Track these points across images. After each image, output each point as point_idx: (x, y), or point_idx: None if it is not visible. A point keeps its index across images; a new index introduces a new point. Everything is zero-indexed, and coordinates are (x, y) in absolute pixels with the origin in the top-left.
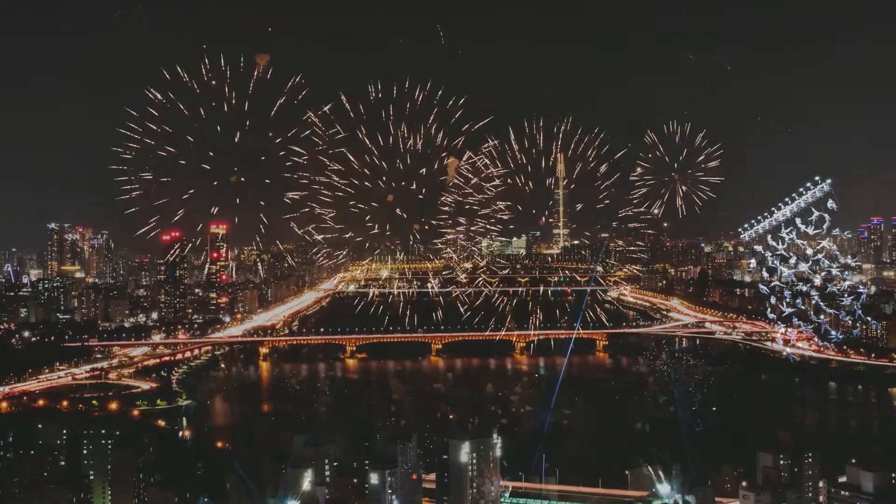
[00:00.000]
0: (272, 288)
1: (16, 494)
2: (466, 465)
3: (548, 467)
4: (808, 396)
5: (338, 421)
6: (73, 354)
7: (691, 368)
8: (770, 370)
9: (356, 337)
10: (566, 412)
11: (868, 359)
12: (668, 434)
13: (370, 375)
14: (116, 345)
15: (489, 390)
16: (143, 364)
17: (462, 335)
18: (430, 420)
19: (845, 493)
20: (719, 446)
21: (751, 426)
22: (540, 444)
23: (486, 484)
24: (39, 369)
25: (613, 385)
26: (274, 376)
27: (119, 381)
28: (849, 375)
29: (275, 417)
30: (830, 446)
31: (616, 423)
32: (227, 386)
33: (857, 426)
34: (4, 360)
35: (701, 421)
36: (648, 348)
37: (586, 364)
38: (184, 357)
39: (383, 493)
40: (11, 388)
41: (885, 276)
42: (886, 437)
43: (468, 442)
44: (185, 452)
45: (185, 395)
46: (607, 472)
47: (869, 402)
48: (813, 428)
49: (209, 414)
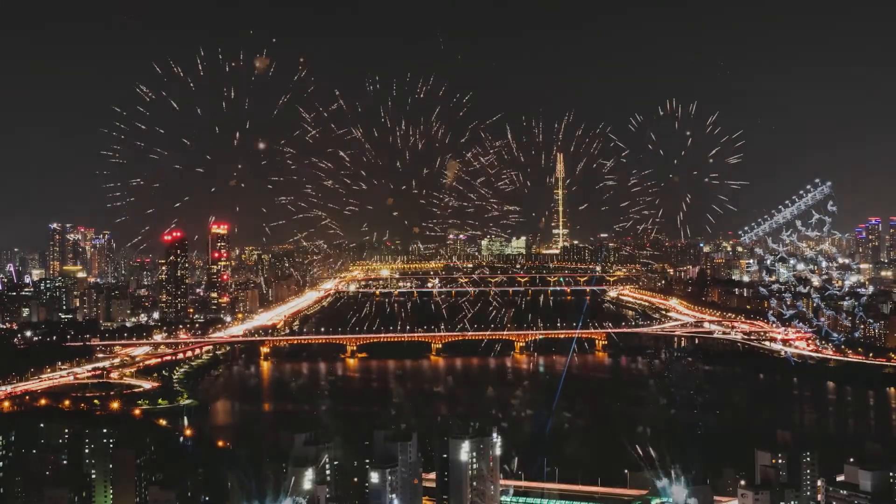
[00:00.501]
0: (273, 288)
1: (17, 493)
2: (466, 464)
3: (547, 466)
4: (806, 396)
5: (338, 420)
6: (75, 354)
7: (690, 368)
8: (769, 370)
9: (357, 336)
10: (566, 412)
11: (866, 358)
12: (668, 433)
13: (371, 375)
14: (118, 344)
15: (489, 391)
16: (144, 363)
17: (462, 335)
18: (430, 419)
19: (843, 491)
20: (718, 445)
21: (749, 425)
22: (541, 443)
23: (486, 483)
24: (41, 368)
25: (612, 384)
26: (275, 376)
27: (121, 380)
28: (847, 375)
29: (275, 417)
30: (829, 445)
31: (615, 423)
32: (228, 385)
33: (855, 425)
34: (7, 359)
35: (700, 420)
36: (648, 348)
37: (586, 363)
38: (185, 357)
39: (383, 492)
40: (14, 388)
41: (882, 275)
42: (884, 436)
43: (468, 441)
44: (187, 452)
45: (186, 394)
46: (607, 472)
47: (867, 401)
48: (811, 427)
49: (210, 413)
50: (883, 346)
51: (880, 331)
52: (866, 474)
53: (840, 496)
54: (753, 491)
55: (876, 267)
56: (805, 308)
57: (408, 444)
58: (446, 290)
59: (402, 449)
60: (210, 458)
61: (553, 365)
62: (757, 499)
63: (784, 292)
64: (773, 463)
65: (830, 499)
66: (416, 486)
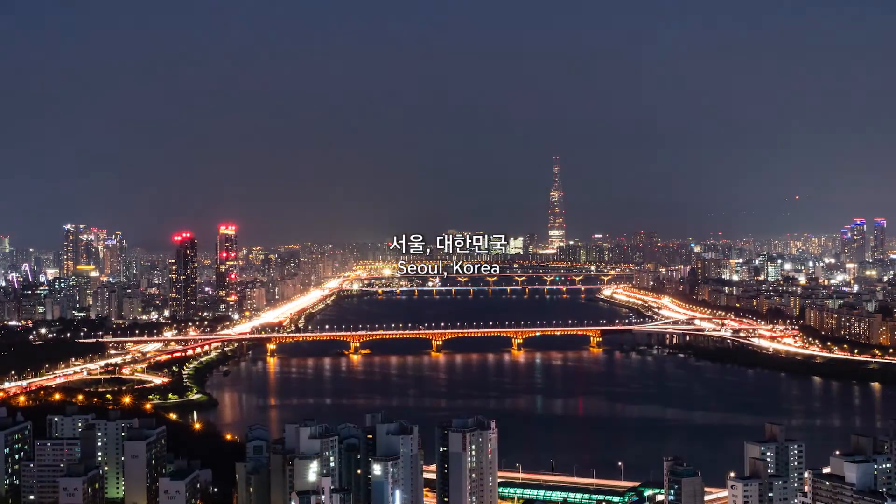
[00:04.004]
0: (279, 286)
1: (32, 485)
2: (465, 456)
3: (543, 458)
4: (793, 391)
5: (342, 414)
6: (88, 350)
7: (681, 364)
8: (757, 365)
9: (360, 334)
10: (562, 405)
11: (851, 355)
12: (660, 426)
13: (373, 370)
14: (129, 341)
15: (487, 386)
16: (155, 360)
17: (462, 332)
18: (431, 412)
19: (829, 483)
20: (708, 438)
21: (738, 419)
22: (537, 435)
23: (485, 475)
24: (56, 364)
25: (606, 379)
26: (281, 371)
27: (132, 375)
28: (833, 370)
29: (282, 411)
30: (815, 438)
31: (609, 416)
32: (236, 381)
33: (841, 419)
34: (22, 355)
35: (691, 413)
36: (640, 344)
37: (581, 359)
38: (194, 353)
39: (386, 484)
40: (29, 383)
41: (867, 275)
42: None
43: (467, 434)
44: (196, 445)
45: (195, 389)
46: (601, 463)
47: (852, 396)
48: (798, 420)
49: (219, 407)
50: (867, 343)
51: (864, 328)
52: (852, 466)
53: (826, 487)
54: (742, 482)
55: (861, 266)
56: (792, 306)
57: (409, 437)
58: (446, 289)
59: (404, 442)
60: (219, 451)
61: (549, 360)
62: (746, 490)
63: (772, 291)
64: (762, 455)
65: (817, 490)
66: (417, 479)
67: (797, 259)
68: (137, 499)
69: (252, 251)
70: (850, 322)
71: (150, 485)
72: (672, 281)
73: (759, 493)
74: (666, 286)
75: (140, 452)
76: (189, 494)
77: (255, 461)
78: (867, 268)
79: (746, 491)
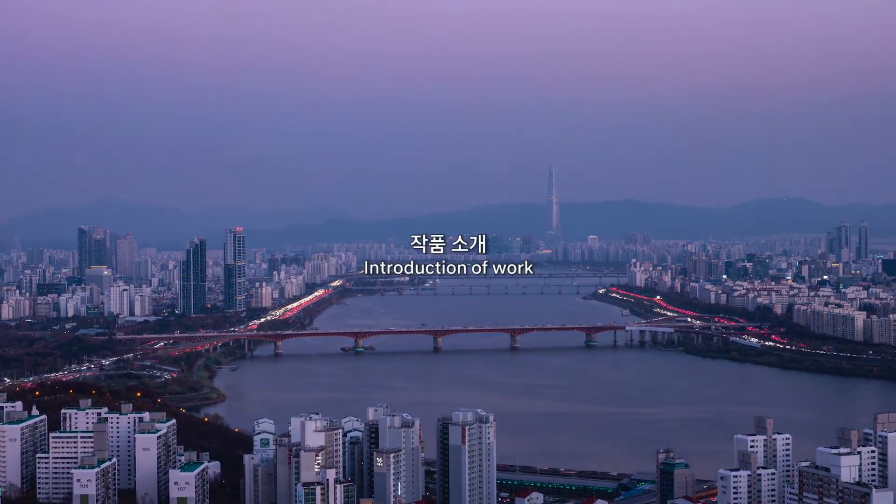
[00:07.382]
0: (285, 285)
1: (47, 475)
2: (464, 448)
3: (538, 451)
4: (781, 385)
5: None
6: (101, 347)
7: (673, 360)
8: (746, 361)
9: (364, 331)
10: (559, 399)
11: (836, 352)
12: (652, 419)
13: (377, 365)
14: (141, 338)
15: (487, 379)
16: (165, 355)
17: (463, 329)
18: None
19: (817, 473)
20: (699, 429)
21: (728, 411)
22: (535, 428)
23: (484, 466)
24: (70, 360)
25: (602, 374)
26: (287, 366)
27: (143, 371)
28: (819, 367)
29: (288, 405)
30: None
31: (602, 410)
32: (243, 376)
33: (827, 413)
34: (38, 352)
35: (683, 406)
36: (633, 341)
37: (578, 355)
38: (204, 349)
39: (388, 476)
40: (44, 378)
41: (853, 273)
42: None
43: (466, 427)
44: (205, 438)
45: (205, 384)
46: (595, 456)
47: (838, 391)
48: (786, 413)
49: (227, 402)
50: (852, 340)
51: (849, 326)
52: (837, 459)
53: (813, 478)
54: (732, 472)
55: (846, 266)
56: (777, 303)
57: (411, 430)
58: (448, 287)
59: (406, 435)
60: (228, 443)
61: (548, 356)
62: (735, 480)
63: (760, 290)
64: (751, 446)
65: (804, 480)
66: (417, 467)
67: (784, 258)
68: (148, 490)
69: (258, 251)
70: (835, 320)
71: (160, 476)
72: (664, 280)
73: (748, 483)
74: (658, 286)
75: (151, 445)
76: (198, 486)
77: (261, 454)
78: (852, 267)
79: (736, 481)
